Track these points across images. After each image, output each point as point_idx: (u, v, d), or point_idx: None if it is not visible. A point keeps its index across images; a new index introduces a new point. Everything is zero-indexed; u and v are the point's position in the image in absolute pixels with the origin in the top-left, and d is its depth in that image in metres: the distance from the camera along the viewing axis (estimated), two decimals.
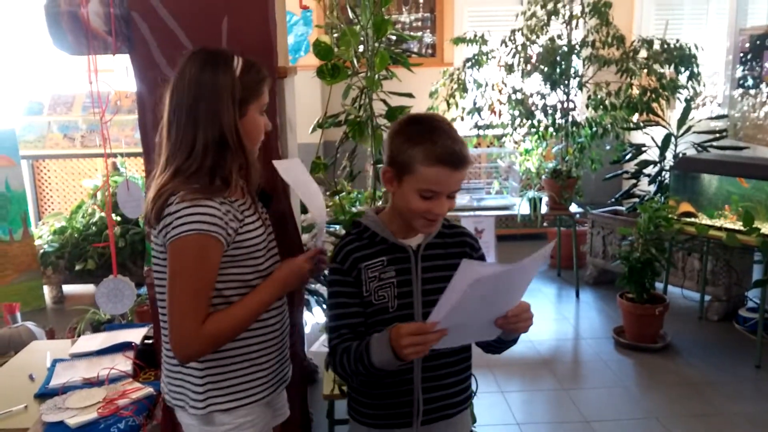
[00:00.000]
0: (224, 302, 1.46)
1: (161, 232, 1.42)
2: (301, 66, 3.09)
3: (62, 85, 4.92)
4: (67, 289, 4.73)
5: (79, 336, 2.69)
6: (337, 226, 2.70)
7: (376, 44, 2.18)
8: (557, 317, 4.29)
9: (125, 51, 1.88)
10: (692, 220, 3.76)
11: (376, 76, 2.13)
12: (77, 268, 4.41)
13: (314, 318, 3.58)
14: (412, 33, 5.45)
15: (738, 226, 3.48)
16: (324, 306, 3.04)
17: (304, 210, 2.71)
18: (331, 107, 2.29)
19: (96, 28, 1.83)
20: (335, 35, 2.40)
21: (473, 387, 2.48)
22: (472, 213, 4.43)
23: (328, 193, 2.38)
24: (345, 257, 1.46)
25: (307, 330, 3.43)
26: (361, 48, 2.24)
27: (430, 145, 1.36)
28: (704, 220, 3.73)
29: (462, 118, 4.71)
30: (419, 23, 5.64)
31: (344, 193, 2.84)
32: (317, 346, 3.31)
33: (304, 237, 3.48)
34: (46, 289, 4.61)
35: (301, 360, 2.09)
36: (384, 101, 2.35)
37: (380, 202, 2.38)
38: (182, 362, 1.48)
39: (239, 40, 1.79)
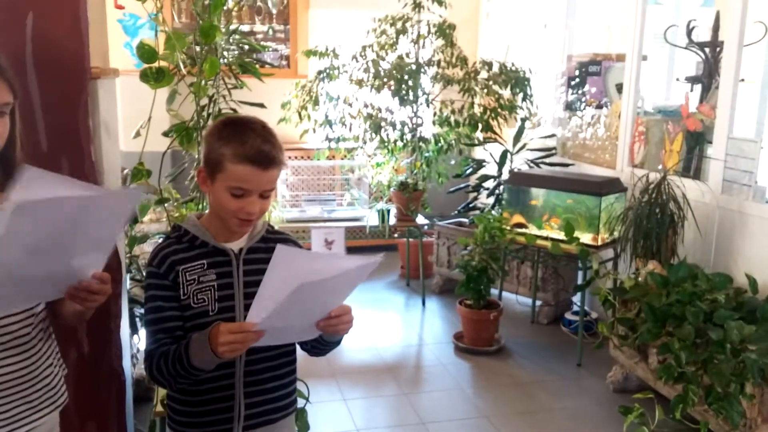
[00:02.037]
0: None
1: None
2: None
3: None
4: None
5: None
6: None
7: (205, 50, 2.16)
8: (403, 325, 4.43)
9: None
10: (523, 230, 4.03)
11: (204, 82, 2.10)
12: None
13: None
14: (266, 43, 5.44)
15: (561, 236, 3.78)
16: None
17: (134, 220, 2.61)
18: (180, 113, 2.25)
19: None
20: None
21: (306, 393, 2.51)
22: (322, 224, 4.47)
23: (154, 200, 2.32)
24: (162, 260, 1.44)
25: (143, 346, 3.29)
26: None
27: (239, 144, 1.39)
28: (534, 230, 4.02)
29: (314, 130, 4.77)
30: (282, 35, 5.65)
31: (189, 201, 2.77)
32: None
33: (145, 247, 3.35)
34: None
35: (119, 375, 2.00)
36: (234, 110, 2.33)
37: None
38: None
39: (46, 37, 1.71)
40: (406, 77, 4.59)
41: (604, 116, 4.36)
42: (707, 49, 3.60)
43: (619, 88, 4.19)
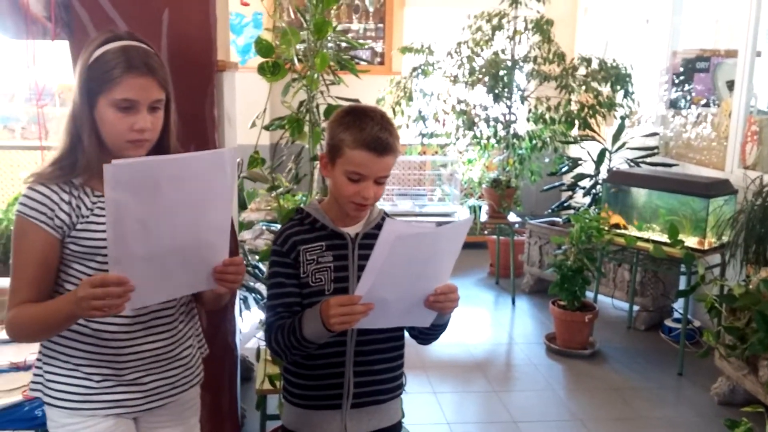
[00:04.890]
0: None
1: None
2: (251, 67, 3.14)
3: (5, 75, 4.78)
4: (3, 282, 4.58)
5: None
6: (278, 225, 2.74)
7: (317, 45, 2.22)
8: (493, 323, 4.40)
9: (64, 37, 1.87)
10: (622, 231, 3.92)
11: (316, 75, 2.17)
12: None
13: (252, 316, 3.57)
14: (362, 41, 5.53)
15: (664, 238, 3.65)
16: (261, 304, 3.05)
17: (243, 206, 2.73)
18: (278, 108, 2.33)
19: (36, 12, 1.82)
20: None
21: (403, 381, 2.54)
22: (414, 219, 4.51)
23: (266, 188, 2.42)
24: (285, 240, 1.53)
25: (245, 329, 3.43)
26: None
27: (357, 131, 1.45)
28: (633, 232, 3.90)
29: (408, 126, 4.81)
30: (373, 33, 5.74)
31: (287, 193, 2.87)
32: (253, 344, 3.31)
33: (245, 234, 3.49)
34: None
35: (232, 350, 2.10)
36: (331, 105, 2.40)
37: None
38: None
39: (179, 32, 1.82)
40: (501, 73, 4.55)
41: (711, 115, 4.17)
42: None
43: (730, 85, 4.00)
